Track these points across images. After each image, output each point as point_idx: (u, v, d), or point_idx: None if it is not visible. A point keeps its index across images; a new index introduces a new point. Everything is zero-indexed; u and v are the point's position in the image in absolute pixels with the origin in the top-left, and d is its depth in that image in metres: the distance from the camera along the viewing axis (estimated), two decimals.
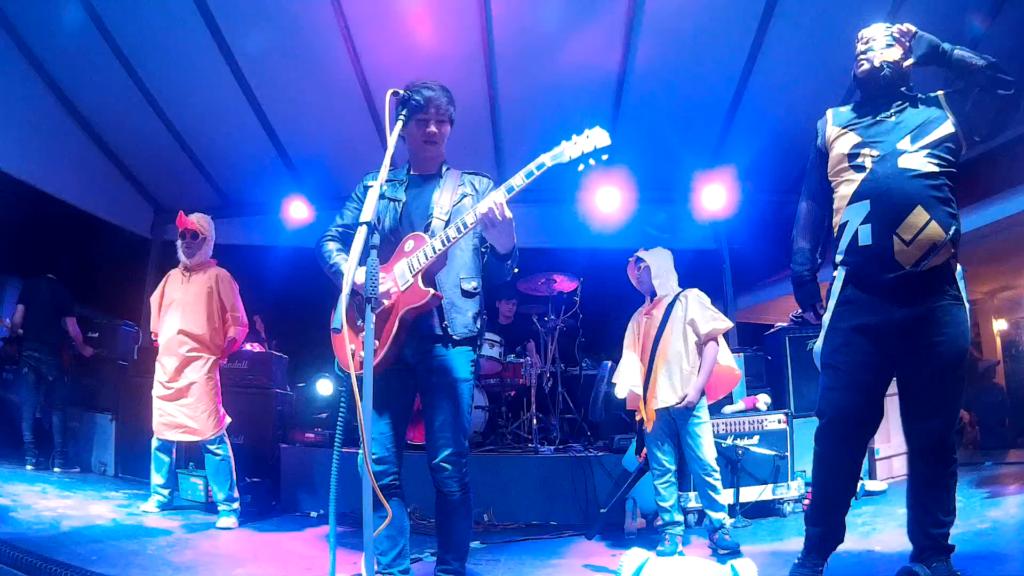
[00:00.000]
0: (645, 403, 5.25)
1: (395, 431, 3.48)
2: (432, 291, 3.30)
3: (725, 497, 5.23)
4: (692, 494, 5.85)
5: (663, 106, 7.89)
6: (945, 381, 3.22)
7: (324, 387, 6.54)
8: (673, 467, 5.19)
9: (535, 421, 7.38)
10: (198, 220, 6.24)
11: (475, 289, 3.55)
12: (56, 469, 7.52)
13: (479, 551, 5.34)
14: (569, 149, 3.19)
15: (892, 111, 3.45)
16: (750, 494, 6.05)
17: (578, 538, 5.82)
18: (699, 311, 5.26)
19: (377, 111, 7.86)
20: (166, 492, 6.08)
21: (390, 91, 3.35)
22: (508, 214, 3.15)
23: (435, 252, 3.32)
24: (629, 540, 5.66)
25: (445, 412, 3.40)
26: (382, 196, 3.61)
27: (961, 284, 3.27)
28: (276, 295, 8.57)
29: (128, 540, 4.97)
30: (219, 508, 5.90)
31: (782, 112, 7.64)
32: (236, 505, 5.94)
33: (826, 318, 3.38)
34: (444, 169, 3.76)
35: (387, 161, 3.09)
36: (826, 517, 3.41)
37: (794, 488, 6.19)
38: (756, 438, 6.22)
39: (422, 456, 3.53)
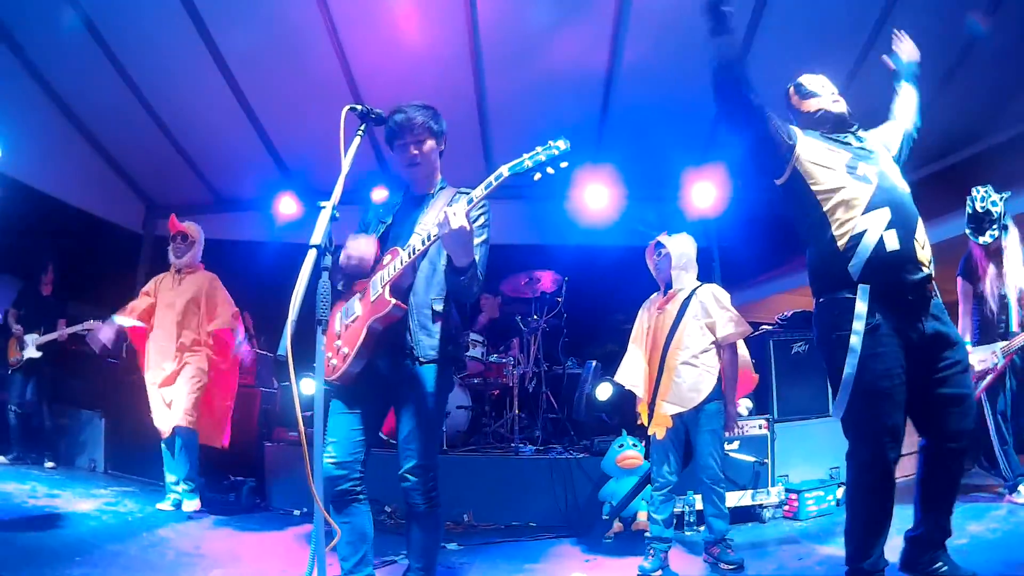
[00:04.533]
0: (653, 405, 5.00)
1: (362, 437, 3.45)
2: (395, 301, 3.29)
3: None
4: (697, 496, 5.79)
5: (652, 103, 7.82)
6: (968, 387, 3.35)
7: (308, 386, 6.55)
8: (675, 479, 4.94)
9: (517, 421, 7.39)
10: (188, 225, 6.53)
11: (445, 310, 3.54)
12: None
13: (455, 553, 5.37)
14: (528, 159, 3.13)
15: (849, 137, 3.61)
16: (730, 499, 6.01)
17: (556, 541, 5.80)
18: (718, 311, 4.97)
19: None
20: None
21: (346, 107, 3.28)
22: (461, 223, 3.10)
23: (402, 264, 3.34)
24: (605, 545, 5.66)
25: (412, 425, 3.40)
26: (373, 217, 3.73)
27: None
28: (264, 291, 8.58)
29: (112, 541, 5.01)
30: (179, 490, 6.16)
31: (772, 109, 7.58)
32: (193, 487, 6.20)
33: (855, 343, 3.24)
34: (437, 188, 3.73)
35: (340, 182, 3.09)
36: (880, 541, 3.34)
37: (774, 494, 6.18)
38: (736, 443, 6.20)
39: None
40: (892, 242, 3.26)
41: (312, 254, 2.83)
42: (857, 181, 3.38)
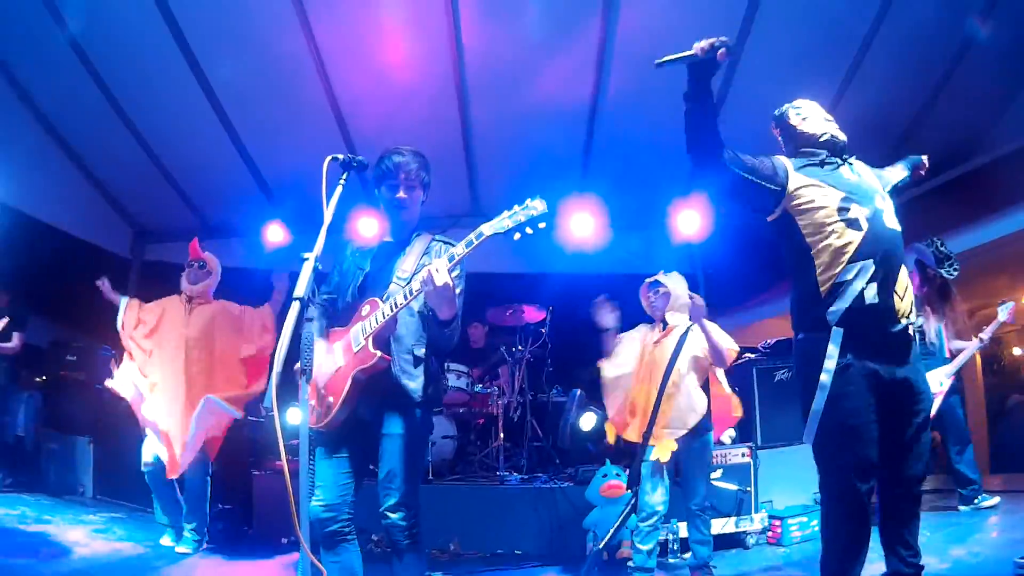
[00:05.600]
0: (648, 435, 5.05)
1: (349, 480, 3.51)
2: (380, 354, 3.37)
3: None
4: (681, 524, 5.85)
5: (636, 133, 7.87)
6: (926, 432, 3.41)
7: (294, 416, 6.54)
8: (664, 510, 5.04)
9: (503, 450, 7.44)
10: (209, 256, 6.47)
11: (425, 355, 3.60)
12: None
13: None
14: (508, 219, 3.21)
15: (840, 165, 3.62)
16: (713, 527, 6.05)
17: (541, 569, 5.87)
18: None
19: (350, 137, 7.97)
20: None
21: (328, 157, 3.34)
22: (444, 280, 3.18)
23: (384, 317, 3.39)
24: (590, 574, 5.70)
25: (393, 464, 3.46)
26: (351, 264, 3.79)
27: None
28: None
29: (103, 570, 5.11)
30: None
31: (757, 137, 7.60)
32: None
33: (825, 380, 3.29)
34: (415, 235, 3.79)
35: (323, 233, 3.13)
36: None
37: (757, 521, 6.24)
38: (720, 471, 6.25)
39: None
40: (871, 295, 3.30)
41: (296, 306, 2.86)
42: (847, 226, 3.39)
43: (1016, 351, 13.18)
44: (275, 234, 8.75)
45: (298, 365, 2.95)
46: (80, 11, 6.73)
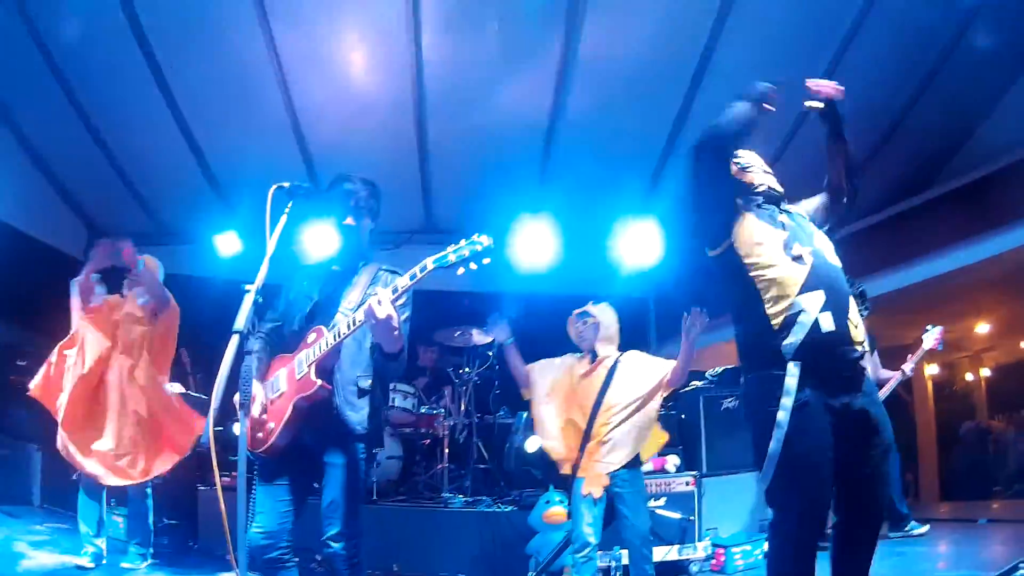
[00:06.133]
0: (577, 466, 5.00)
1: (288, 508, 3.47)
2: (320, 382, 3.36)
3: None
4: (623, 552, 5.70)
5: (593, 153, 7.96)
6: (886, 463, 3.37)
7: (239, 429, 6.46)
8: (597, 540, 4.88)
9: (447, 472, 7.40)
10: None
11: (370, 387, 3.59)
12: None
13: None
14: (452, 254, 3.17)
15: (783, 216, 3.60)
16: (656, 554, 6.02)
17: None
18: (653, 362, 5.13)
19: (307, 149, 7.94)
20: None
21: (274, 185, 3.32)
22: (387, 312, 3.14)
23: (327, 346, 3.37)
24: None
25: (336, 495, 3.43)
26: (299, 292, 3.74)
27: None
28: (203, 328, 8.46)
29: None
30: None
31: None
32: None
33: (782, 418, 3.22)
34: (362, 265, 3.78)
35: (266, 264, 3.15)
36: None
37: (700, 549, 6.24)
38: (663, 500, 6.25)
39: None
40: (828, 323, 3.27)
41: (234, 339, 2.83)
42: (792, 262, 3.38)
43: (968, 376, 13.43)
44: (229, 244, 8.63)
45: (236, 397, 2.91)
46: (45, 7, 6.62)
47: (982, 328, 11.63)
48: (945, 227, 7.90)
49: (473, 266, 3.17)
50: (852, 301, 3.41)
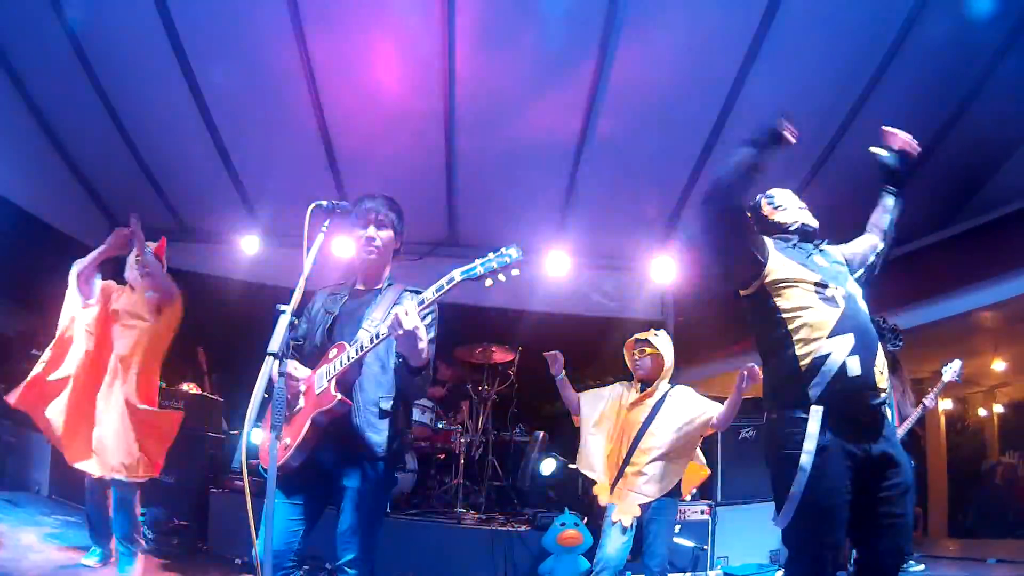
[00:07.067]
0: (612, 492, 5.02)
1: (298, 527, 3.42)
2: (340, 397, 3.30)
3: None
4: None
5: (620, 175, 7.97)
6: (908, 508, 3.35)
7: (258, 436, 6.43)
8: (619, 566, 4.88)
9: (462, 488, 7.39)
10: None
11: (392, 409, 3.53)
12: None
13: None
14: (480, 266, 3.14)
15: (817, 255, 3.61)
16: None
17: None
18: (701, 402, 5.12)
19: (335, 157, 7.90)
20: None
21: (312, 204, 3.28)
22: (414, 323, 3.11)
23: (349, 360, 3.32)
24: None
25: (353, 520, 3.39)
26: (319, 309, 3.72)
27: None
28: (220, 327, 8.49)
29: None
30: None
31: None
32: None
33: (805, 462, 3.24)
34: (386, 285, 3.74)
35: (302, 283, 3.08)
36: None
37: None
38: (678, 527, 6.22)
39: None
40: (855, 368, 3.27)
41: (268, 361, 2.80)
42: (824, 304, 3.39)
43: (981, 412, 13.36)
44: (250, 246, 8.66)
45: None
46: (80, 6, 6.65)
47: (998, 365, 11.56)
48: (964, 265, 7.90)
49: (502, 278, 3.14)
50: (880, 348, 3.41)
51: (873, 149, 3.75)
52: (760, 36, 6.52)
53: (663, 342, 5.25)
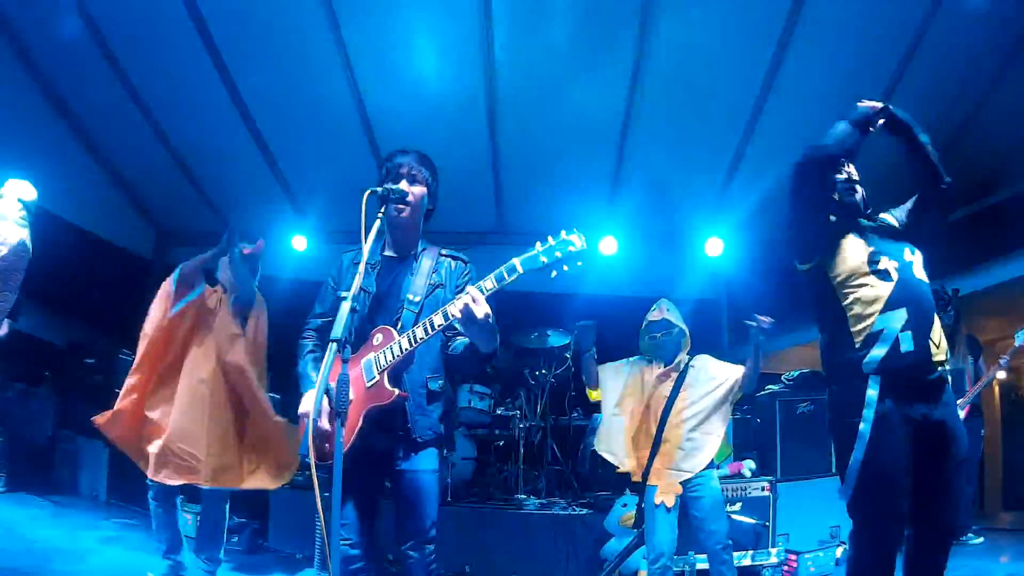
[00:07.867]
0: (648, 472, 4.90)
1: (362, 521, 3.34)
2: (398, 391, 3.17)
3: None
4: (698, 556, 5.48)
5: (666, 153, 7.91)
6: (961, 476, 3.36)
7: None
8: (672, 550, 4.76)
9: (521, 474, 7.41)
10: None
11: (442, 388, 3.43)
12: None
13: None
14: (542, 255, 3.02)
15: (871, 228, 3.59)
16: None
17: None
18: (722, 367, 5.04)
19: (377, 148, 7.91)
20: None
21: (367, 191, 3.16)
22: (485, 311, 3.00)
23: (402, 351, 3.18)
24: None
25: (409, 503, 3.33)
26: (351, 285, 3.42)
27: None
28: (272, 326, 8.55)
29: None
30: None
31: (787, 162, 7.57)
32: None
33: (864, 430, 3.24)
34: (420, 250, 3.56)
35: (362, 269, 3.01)
36: None
37: (774, 555, 6.14)
38: (739, 504, 6.17)
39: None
40: (907, 344, 3.26)
41: (332, 347, 2.75)
42: (878, 278, 3.37)
43: None
44: (297, 243, 8.76)
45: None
46: (111, 15, 6.76)
47: None
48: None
49: (566, 268, 3.04)
50: (937, 321, 3.37)
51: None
52: (796, 10, 6.49)
53: (676, 316, 5.15)
